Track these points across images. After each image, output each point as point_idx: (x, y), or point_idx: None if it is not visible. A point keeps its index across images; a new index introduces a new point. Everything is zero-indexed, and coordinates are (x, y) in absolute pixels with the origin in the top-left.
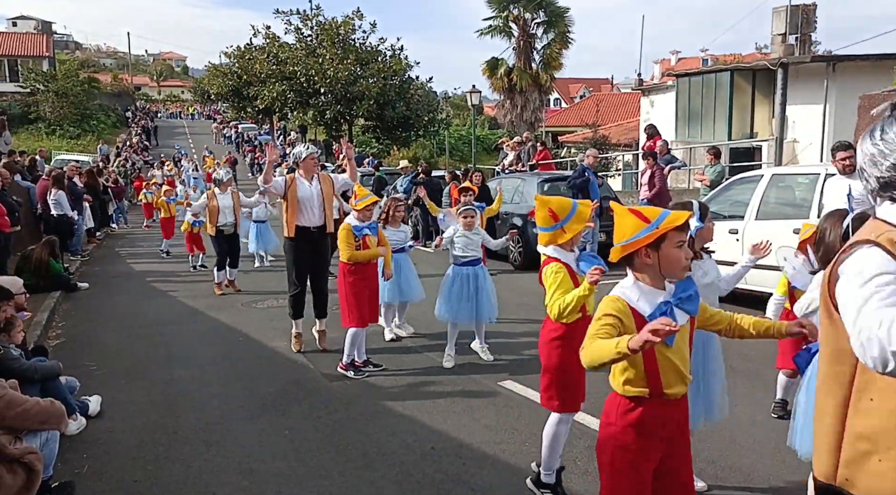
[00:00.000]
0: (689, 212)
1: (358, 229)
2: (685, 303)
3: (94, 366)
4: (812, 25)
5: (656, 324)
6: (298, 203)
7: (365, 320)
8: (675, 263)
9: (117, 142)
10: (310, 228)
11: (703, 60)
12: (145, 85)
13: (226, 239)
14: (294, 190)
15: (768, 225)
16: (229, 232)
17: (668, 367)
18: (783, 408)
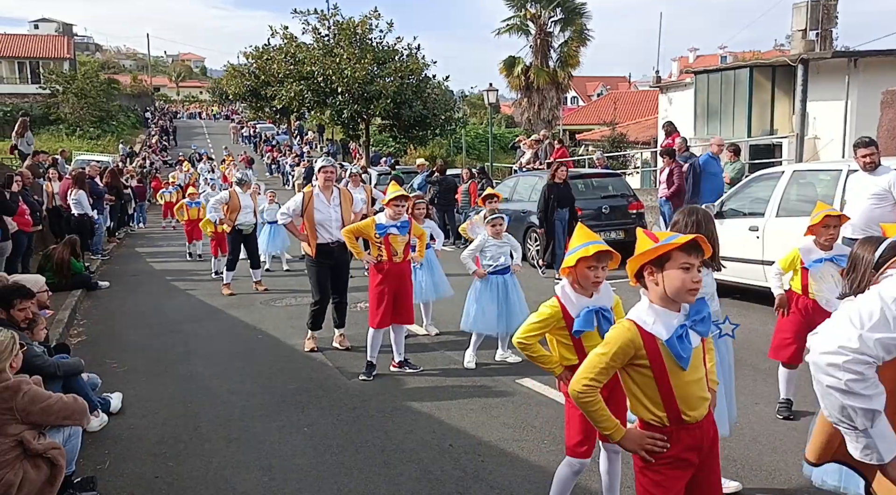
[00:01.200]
0: (690, 235)
1: (381, 227)
2: (698, 324)
3: (115, 364)
4: (833, 21)
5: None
6: (315, 224)
7: (377, 322)
8: (680, 285)
9: (136, 143)
10: (329, 244)
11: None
12: (164, 85)
13: (244, 238)
14: (311, 211)
15: (789, 222)
16: (248, 231)
17: (684, 391)
18: (788, 409)
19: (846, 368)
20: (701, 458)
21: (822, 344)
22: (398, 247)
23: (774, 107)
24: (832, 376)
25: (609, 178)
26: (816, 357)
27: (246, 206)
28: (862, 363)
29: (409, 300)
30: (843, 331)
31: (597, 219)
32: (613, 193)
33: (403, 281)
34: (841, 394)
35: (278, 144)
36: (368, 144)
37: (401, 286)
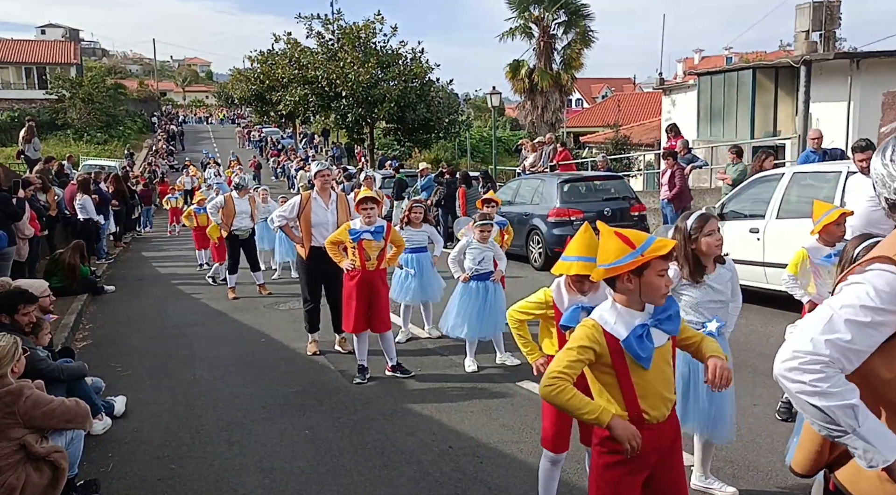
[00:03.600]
0: (674, 241)
1: (354, 232)
2: (664, 323)
3: (119, 367)
4: (836, 22)
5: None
6: (311, 228)
7: (351, 326)
8: (656, 291)
9: (142, 147)
10: (323, 247)
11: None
12: (171, 90)
13: (240, 243)
14: (308, 213)
15: (789, 223)
16: (244, 236)
17: (646, 390)
18: (789, 411)
19: (805, 369)
20: (661, 457)
21: (781, 354)
22: (371, 253)
23: (777, 108)
24: (796, 381)
25: (611, 181)
26: (778, 367)
27: (242, 212)
28: (819, 363)
29: (385, 308)
30: (797, 338)
31: (598, 221)
32: (615, 196)
33: (376, 288)
34: (811, 397)
35: (284, 148)
36: (373, 148)
37: (374, 293)
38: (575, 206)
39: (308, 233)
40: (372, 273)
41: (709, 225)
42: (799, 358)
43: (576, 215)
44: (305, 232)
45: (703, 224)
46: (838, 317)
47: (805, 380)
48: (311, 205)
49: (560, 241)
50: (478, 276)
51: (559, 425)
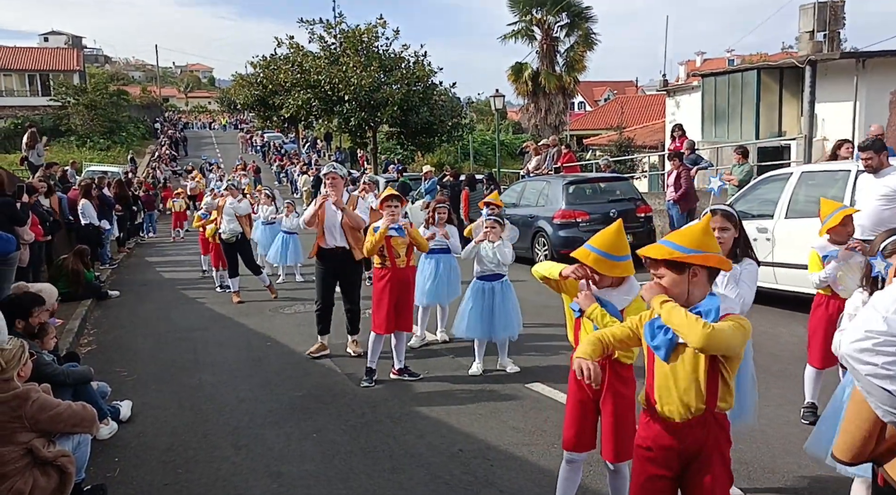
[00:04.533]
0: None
1: (378, 229)
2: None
3: (124, 372)
4: (840, 22)
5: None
6: (325, 228)
7: (382, 327)
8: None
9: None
10: (332, 248)
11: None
12: (173, 96)
13: (233, 248)
14: (322, 214)
15: (798, 223)
16: (230, 240)
17: (662, 383)
18: (814, 413)
19: (879, 351)
20: (682, 466)
21: (851, 334)
22: (400, 250)
23: (782, 109)
24: (867, 363)
25: (617, 182)
26: (847, 348)
27: (227, 214)
28: (893, 344)
29: (411, 306)
30: (868, 318)
31: (605, 223)
32: (621, 197)
33: (406, 287)
34: (882, 380)
35: (287, 153)
36: (376, 152)
37: (403, 292)
38: (580, 208)
39: (321, 234)
40: (403, 270)
41: (714, 220)
42: (872, 338)
43: (581, 217)
44: (320, 232)
45: (710, 219)
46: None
47: (878, 363)
48: (325, 206)
49: (566, 243)
50: (487, 277)
51: (581, 425)
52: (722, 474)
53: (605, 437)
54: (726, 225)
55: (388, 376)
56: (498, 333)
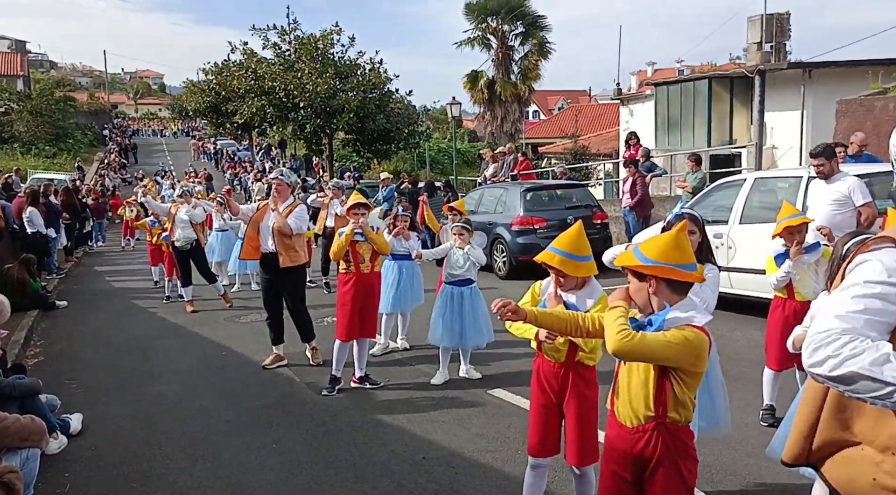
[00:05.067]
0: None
1: (341, 233)
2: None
3: (74, 384)
4: (786, 34)
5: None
6: (259, 229)
7: (345, 333)
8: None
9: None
10: (266, 254)
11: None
12: (122, 103)
13: (187, 255)
14: (259, 217)
15: (752, 228)
16: (184, 248)
17: (620, 386)
18: (772, 415)
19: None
20: (637, 472)
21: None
22: (365, 255)
23: (733, 117)
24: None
25: (573, 189)
26: (805, 363)
27: (180, 221)
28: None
29: (375, 313)
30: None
31: (562, 229)
32: (578, 204)
33: (371, 292)
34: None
35: (240, 160)
36: (332, 159)
37: (367, 298)
38: (538, 215)
39: (256, 237)
40: (367, 276)
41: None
42: (814, 342)
43: (539, 223)
44: (252, 235)
45: (677, 223)
46: (846, 295)
47: (827, 354)
48: (266, 211)
49: (524, 250)
50: (456, 283)
51: (544, 430)
52: (676, 486)
53: (568, 441)
54: (692, 228)
55: (349, 384)
56: (469, 340)
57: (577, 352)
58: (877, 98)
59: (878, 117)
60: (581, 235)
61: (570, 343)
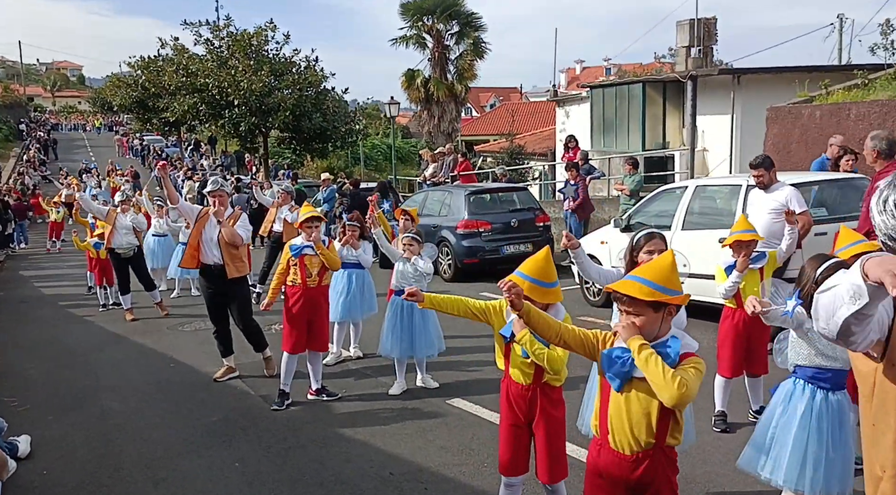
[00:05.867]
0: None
1: (294, 248)
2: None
3: (15, 402)
4: (713, 38)
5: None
6: (202, 240)
7: (292, 346)
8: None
9: (10, 157)
10: (210, 266)
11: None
12: (39, 95)
13: (126, 262)
14: (201, 227)
15: (693, 234)
16: (126, 255)
17: (615, 412)
18: (724, 421)
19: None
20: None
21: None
22: (312, 269)
23: (666, 120)
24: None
25: (516, 192)
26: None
27: (122, 227)
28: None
29: (325, 326)
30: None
31: (506, 232)
32: (521, 207)
33: (318, 306)
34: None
35: (169, 157)
36: (267, 158)
37: (315, 311)
38: (483, 218)
39: (198, 243)
40: (314, 290)
41: (651, 244)
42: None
43: (484, 227)
44: (195, 244)
45: (647, 241)
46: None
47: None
48: (207, 219)
49: (469, 253)
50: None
51: (515, 450)
52: None
53: (539, 460)
54: (662, 246)
55: (306, 397)
56: (420, 351)
57: (543, 374)
58: (804, 106)
59: (805, 124)
60: (548, 261)
61: (536, 366)
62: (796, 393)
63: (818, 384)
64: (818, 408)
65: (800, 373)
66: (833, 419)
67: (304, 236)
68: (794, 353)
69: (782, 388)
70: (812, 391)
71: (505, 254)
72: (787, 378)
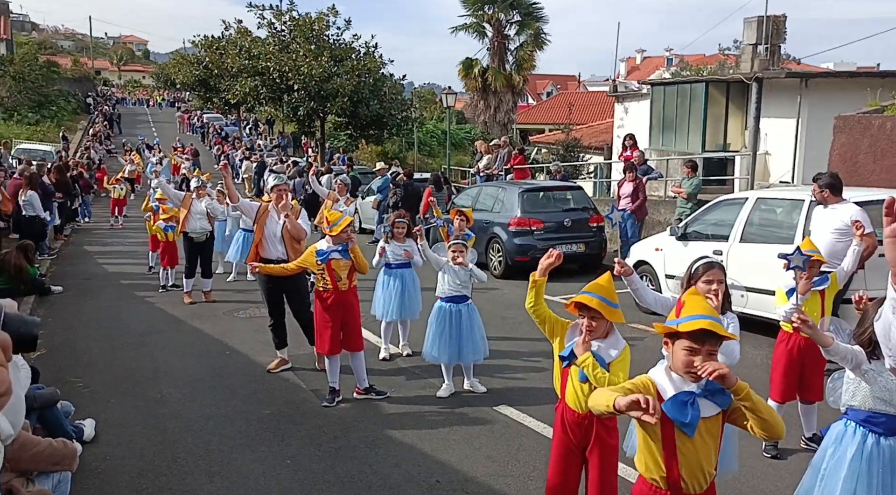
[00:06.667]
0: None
1: (321, 253)
2: (716, 395)
3: (80, 383)
4: (782, 36)
5: (643, 405)
6: (264, 236)
7: (327, 348)
8: (677, 364)
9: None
10: (273, 260)
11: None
12: (105, 69)
13: (195, 246)
14: (263, 223)
15: (751, 248)
16: (200, 239)
17: (688, 458)
18: (775, 447)
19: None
20: None
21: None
22: (342, 273)
23: (728, 121)
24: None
25: (570, 191)
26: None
27: (196, 212)
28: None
29: (358, 326)
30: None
31: (558, 231)
32: (575, 206)
33: (350, 308)
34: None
35: (227, 136)
36: (324, 143)
37: (348, 313)
38: (535, 216)
39: (261, 240)
40: (345, 292)
41: (710, 274)
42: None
43: (536, 225)
44: (258, 237)
45: (706, 271)
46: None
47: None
48: (267, 215)
49: (520, 251)
50: (451, 299)
51: (565, 474)
52: None
53: (590, 486)
54: (721, 277)
55: (353, 395)
56: (467, 357)
57: None
58: (874, 116)
59: (875, 136)
60: (611, 283)
61: (593, 388)
62: (847, 435)
63: (871, 428)
64: (869, 453)
65: (852, 415)
66: (885, 464)
67: (328, 240)
68: (848, 394)
69: (833, 430)
70: (864, 434)
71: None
72: (839, 419)
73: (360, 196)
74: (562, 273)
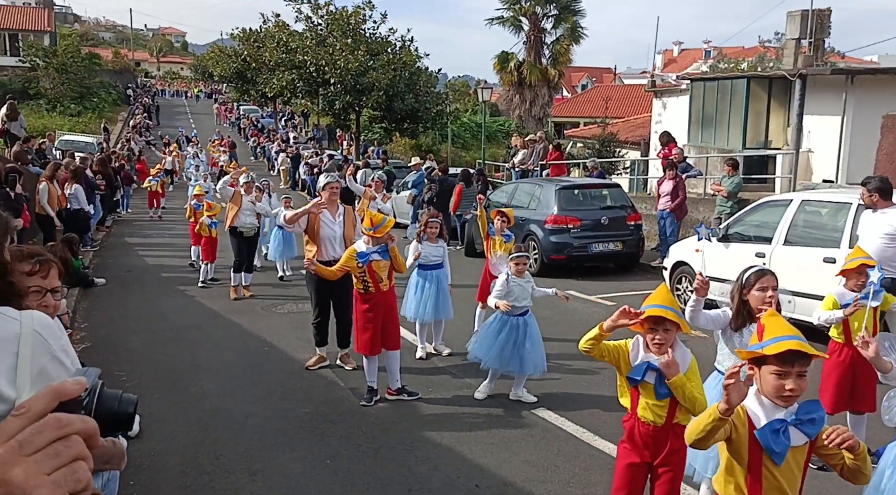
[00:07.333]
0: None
1: (363, 255)
2: (805, 424)
3: (123, 376)
4: (826, 30)
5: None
6: (321, 240)
7: (369, 348)
8: (771, 389)
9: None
10: (331, 262)
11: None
12: (144, 60)
13: (243, 241)
14: (316, 226)
15: (795, 251)
16: (249, 234)
17: (773, 485)
18: None
19: None
20: None
21: None
22: (382, 274)
23: (769, 118)
24: None
25: (608, 189)
26: None
27: (247, 208)
28: None
29: (398, 325)
30: None
31: (595, 229)
32: (612, 204)
33: (391, 308)
34: None
35: (264, 128)
36: (359, 136)
37: (389, 314)
38: (572, 214)
39: (317, 244)
40: (386, 293)
41: (764, 281)
42: None
43: (573, 223)
44: (315, 242)
45: (758, 279)
46: None
47: None
48: (320, 217)
49: (557, 249)
50: (516, 312)
51: (631, 490)
52: None
53: None
54: (774, 283)
55: (384, 395)
56: (526, 369)
57: (675, 414)
58: None
59: None
60: (670, 293)
61: (669, 407)
62: None
63: None
64: None
65: None
66: None
67: (364, 239)
68: None
69: (890, 451)
70: None
71: (593, 253)
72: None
73: (394, 190)
74: (598, 271)
